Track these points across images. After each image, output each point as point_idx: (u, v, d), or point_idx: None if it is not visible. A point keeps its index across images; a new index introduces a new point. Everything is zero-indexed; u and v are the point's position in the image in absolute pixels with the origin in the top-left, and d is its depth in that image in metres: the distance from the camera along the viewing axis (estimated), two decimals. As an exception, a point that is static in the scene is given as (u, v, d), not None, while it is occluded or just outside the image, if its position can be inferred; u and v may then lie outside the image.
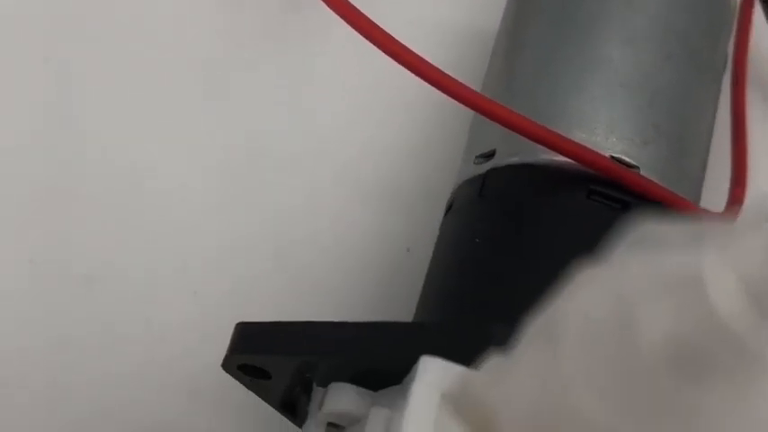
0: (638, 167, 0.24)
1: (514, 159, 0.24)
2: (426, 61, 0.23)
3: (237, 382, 0.28)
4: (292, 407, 0.24)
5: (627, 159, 0.24)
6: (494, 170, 0.25)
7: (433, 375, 0.19)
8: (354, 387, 0.21)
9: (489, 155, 0.25)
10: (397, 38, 0.23)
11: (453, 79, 0.23)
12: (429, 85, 0.31)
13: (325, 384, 0.22)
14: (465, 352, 0.19)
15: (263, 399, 0.24)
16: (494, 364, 0.12)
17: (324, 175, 0.31)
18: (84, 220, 0.30)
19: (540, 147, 0.24)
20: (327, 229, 0.30)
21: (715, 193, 0.27)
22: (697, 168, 0.25)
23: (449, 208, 0.26)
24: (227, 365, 0.23)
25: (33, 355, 0.28)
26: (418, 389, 0.19)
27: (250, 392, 0.28)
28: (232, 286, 0.29)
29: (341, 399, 0.21)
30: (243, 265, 0.30)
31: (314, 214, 0.31)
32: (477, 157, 0.26)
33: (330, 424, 0.23)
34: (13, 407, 0.27)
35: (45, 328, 0.28)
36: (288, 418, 0.25)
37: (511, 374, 0.11)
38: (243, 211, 0.30)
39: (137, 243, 0.29)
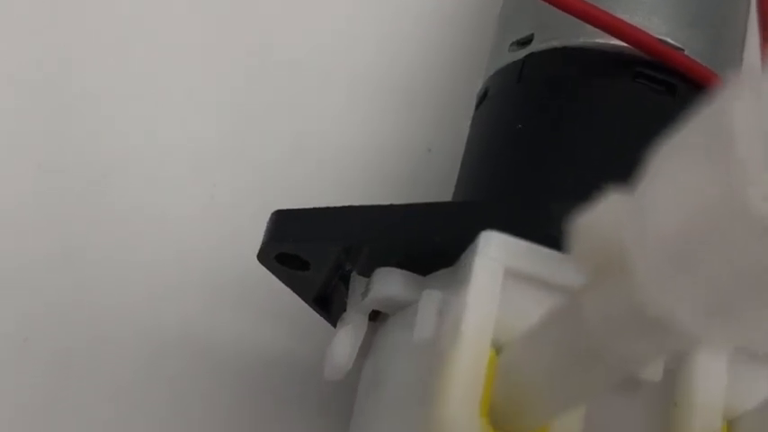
0: (682, 50, 0.23)
1: (555, 43, 0.23)
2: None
3: (260, 281, 0.27)
4: (326, 302, 0.24)
5: (671, 41, 0.23)
6: (532, 55, 0.24)
7: (496, 250, 0.18)
8: (402, 271, 0.21)
9: (526, 41, 0.24)
10: None
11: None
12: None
13: (367, 273, 0.22)
14: (524, 229, 0.19)
15: (296, 293, 0.23)
16: (613, 201, 0.11)
17: (339, 76, 0.30)
18: (94, 121, 0.28)
19: (581, 30, 0.23)
20: (346, 130, 0.29)
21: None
22: (737, 50, 0.25)
23: (481, 99, 0.25)
24: (263, 256, 0.22)
25: (44, 260, 0.27)
26: (481, 263, 0.18)
27: (273, 291, 0.27)
28: (250, 183, 0.28)
29: (389, 283, 0.21)
30: (260, 163, 0.29)
31: (330, 115, 0.30)
32: (511, 44, 0.25)
33: (371, 314, 0.22)
34: (26, 310, 0.27)
35: (56, 233, 0.27)
36: (320, 313, 0.24)
37: (647, 199, 0.10)
38: (258, 110, 0.29)
39: (148, 142, 0.28)
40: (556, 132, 0.22)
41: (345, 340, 0.21)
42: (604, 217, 0.11)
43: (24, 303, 0.26)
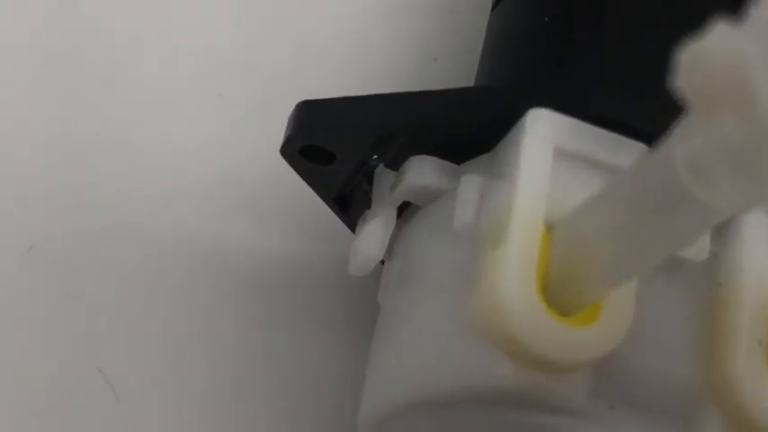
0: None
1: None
2: None
3: (270, 192, 0.27)
4: (345, 202, 0.23)
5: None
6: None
7: (546, 128, 0.18)
8: (436, 159, 0.20)
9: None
10: None
11: None
12: None
13: (395, 166, 0.21)
14: (570, 109, 0.18)
15: (316, 191, 0.23)
16: (724, 30, 0.11)
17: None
18: (100, 19, 0.28)
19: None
20: (352, 38, 0.29)
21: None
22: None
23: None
24: (287, 149, 0.21)
25: (47, 162, 0.26)
26: (530, 140, 0.18)
27: (283, 200, 0.27)
28: (255, 89, 0.28)
29: (423, 171, 0.20)
30: (265, 67, 0.28)
31: (336, 21, 0.29)
32: (531, -59, 0.24)
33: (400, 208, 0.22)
34: (29, 216, 0.26)
35: (58, 133, 0.26)
36: (338, 213, 0.23)
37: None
38: (265, 13, 0.29)
39: (156, 44, 0.28)
40: (584, 24, 0.22)
41: (375, 231, 0.21)
42: (716, 46, 0.11)
43: (27, 210, 0.26)
